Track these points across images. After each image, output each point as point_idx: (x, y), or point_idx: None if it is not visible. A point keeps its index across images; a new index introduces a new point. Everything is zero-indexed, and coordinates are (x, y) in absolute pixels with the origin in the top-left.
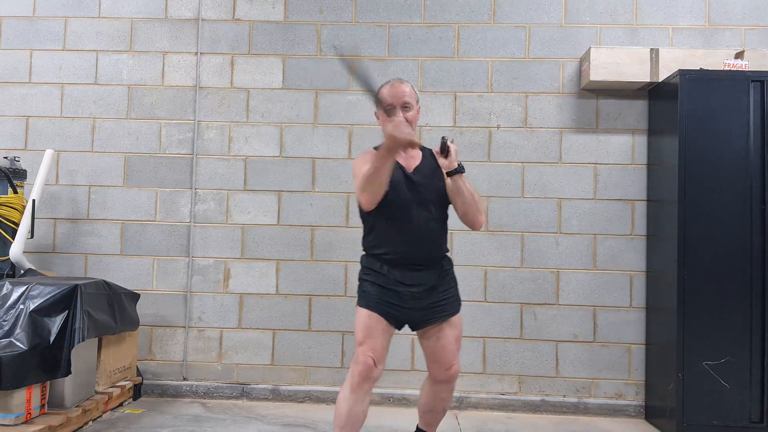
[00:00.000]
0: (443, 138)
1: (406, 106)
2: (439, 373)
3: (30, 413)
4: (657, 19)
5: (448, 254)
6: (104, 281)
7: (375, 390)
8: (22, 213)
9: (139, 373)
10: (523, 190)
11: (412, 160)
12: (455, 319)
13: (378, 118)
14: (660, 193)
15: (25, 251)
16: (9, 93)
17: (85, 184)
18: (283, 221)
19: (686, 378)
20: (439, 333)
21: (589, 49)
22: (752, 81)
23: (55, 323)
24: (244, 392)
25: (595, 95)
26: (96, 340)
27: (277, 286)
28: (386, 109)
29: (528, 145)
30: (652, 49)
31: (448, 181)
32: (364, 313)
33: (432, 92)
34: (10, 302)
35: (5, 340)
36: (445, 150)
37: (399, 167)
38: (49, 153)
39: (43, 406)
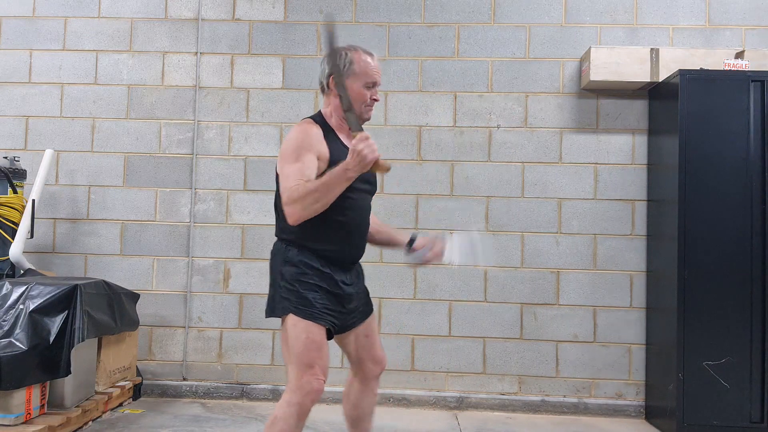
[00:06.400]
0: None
1: (377, 85)
2: (375, 369)
3: (30, 413)
4: (657, 19)
5: None
6: (104, 281)
7: None
8: (21, 213)
9: (138, 373)
10: (523, 190)
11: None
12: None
13: (333, 85)
14: (660, 193)
15: (24, 251)
16: (9, 93)
17: (85, 184)
18: None
19: (686, 378)
20: (368, 329)
21: (589, 49)
22: (752, 81)
23: (55, 323)
24: (244, 392)
25: (595, 95)
26: (96, 340)
27: None
28: (367, 85)
29: (528, 145)
30: (652, 49)
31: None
32: (307, 326)
33: (432, 92)
34: (10, 302)
35: (5, 340)
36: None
37: (345, 149)
38: (49, 153)
39: (42, 406)
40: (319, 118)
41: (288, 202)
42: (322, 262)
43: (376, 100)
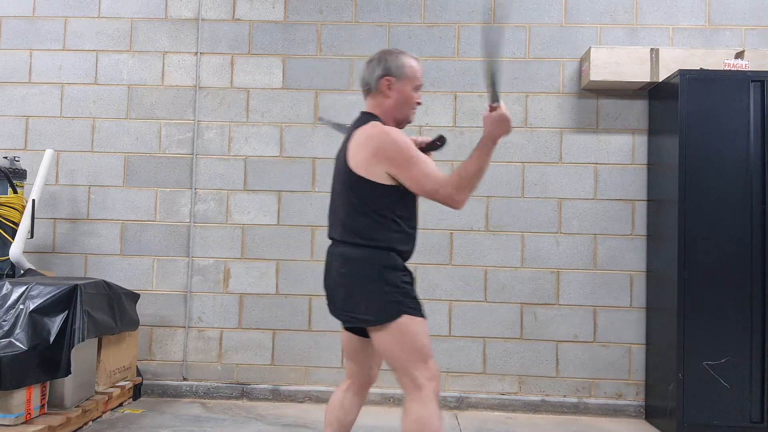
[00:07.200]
0: (442, 139)
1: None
2: (375, 375)
3: (30, 413)
4: (657, 19)
5: None
6: (104, 281)
7: (375, 390)
8: (21, 213)
9: (139, 373)
10: (523, 190)
11: None
12: None
13: (387, 88)
14: (660, 193)
15: (25, 251)
16: (9, 93)
17: (85, 184)
18: (283, 221)
19: (686, 378)
20: None
21: (589, 49)
22: (752, 81)
23: (55, 323)
24: (244, 392)
25: (595, 95)
26: (96, 340)
27: (277, 286)
28: (415, 88)
29: (528, 145)
30: (652, 49)
31: None
32: (422, 322)
33: (432, 92)
34: (10, 302)
35: (5, 340)
36: (438, 146)
37: None
38: (49, 153)
39: (42, 406)
40: (382, 122)
41: (455, 193)
42: (405, 263)
43: (419, 103)
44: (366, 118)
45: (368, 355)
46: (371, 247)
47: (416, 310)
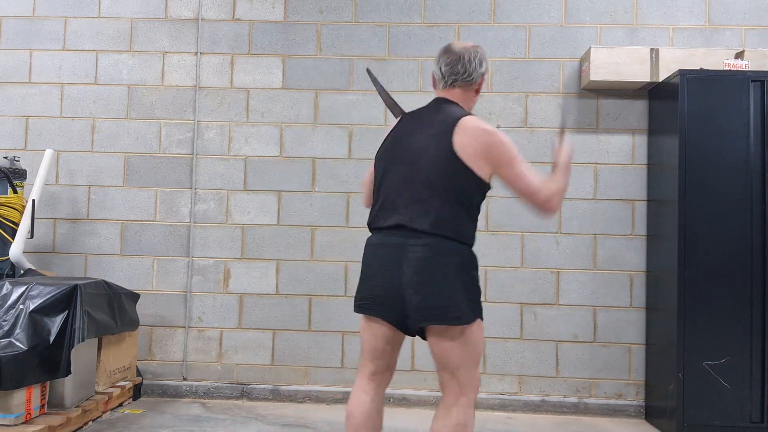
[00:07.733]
0: None
1: None
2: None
3: (30, 413)
4: (657, 19)
5: None
6: (104, 281)
7: None
8: (22, 213)
9: (139, 373)
10: None
11: None
12: None
13: (480, 86)
14: (660, 193)
15: (25, 251)
16: (9, 93)
17: (85, 184)
18: (283, 221)
19: (686, 378)
20: None
21: (589, 49)
22: (752, 81)
23: (55, 323)
24: (244, 392)
25: (595, 95)
26: (96, 340)
27: (277, 286)
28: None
29: (528, 145)
30: (652, 49)
31: None
32: (483, 328)
33: (432, 92)
34: (10, 302)
35: (5, 340)
36: None
37: None
38: (49, 153)
39: (42, 406)
40: None
41: (553, 197)
42: None
43: None
44: (457, 107)
45: (393, 357)
46: (463, 243)
47: (482, 313)
